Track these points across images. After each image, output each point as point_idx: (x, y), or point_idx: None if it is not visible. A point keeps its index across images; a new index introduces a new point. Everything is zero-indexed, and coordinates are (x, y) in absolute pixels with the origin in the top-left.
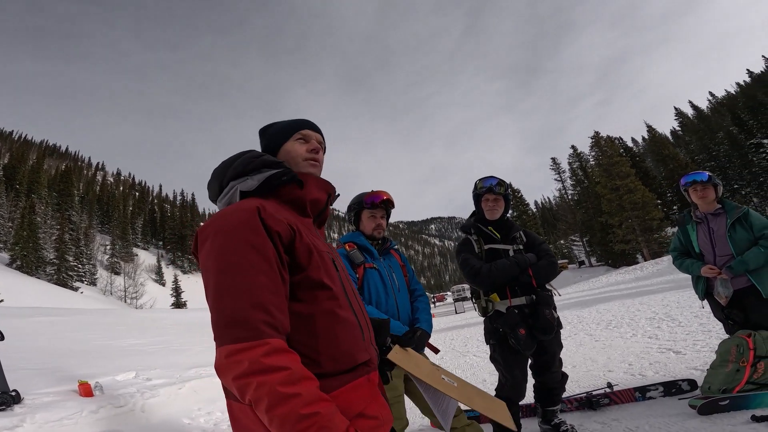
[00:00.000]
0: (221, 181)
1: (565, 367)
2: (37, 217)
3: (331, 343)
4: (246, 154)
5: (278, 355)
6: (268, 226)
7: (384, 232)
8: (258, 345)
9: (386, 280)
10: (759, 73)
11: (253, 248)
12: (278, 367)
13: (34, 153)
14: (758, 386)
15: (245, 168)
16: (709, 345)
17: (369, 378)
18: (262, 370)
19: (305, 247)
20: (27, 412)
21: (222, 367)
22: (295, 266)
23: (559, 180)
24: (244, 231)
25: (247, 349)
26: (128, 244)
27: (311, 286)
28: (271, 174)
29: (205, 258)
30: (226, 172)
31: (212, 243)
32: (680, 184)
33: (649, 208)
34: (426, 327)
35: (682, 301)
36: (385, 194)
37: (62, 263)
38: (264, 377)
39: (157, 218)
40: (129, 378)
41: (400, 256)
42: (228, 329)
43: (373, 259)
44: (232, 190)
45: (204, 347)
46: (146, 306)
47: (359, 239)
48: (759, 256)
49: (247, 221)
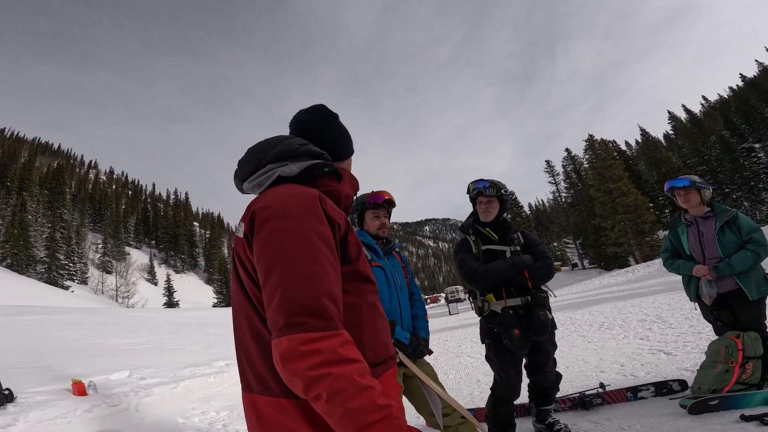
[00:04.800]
0: (258, 162)
1: (558, 367)
2: (28, 215)
3: (373, 335)
4: (290, 140)
5: (351, 347)
6: (330, 216)
7: (388, 231)
8: (335, 335)
9: (390, 279)
10: (752, 78)
11: (320, 237)
12: (354, 358)
13: (26, 150)
14: (747, 386)
15: (288, 153)
16: (699, 346)
17: (393, 371)
18: (341, 360)
19: (355, 240)
20: (20, 411)
21: (294, 356)
22: (345, 259)
23: (553, 183)
24: (311, 218)
25: (325, 338)
26: (120, 242)
27: (358, 279)
28: (315, 163)
29: (268, 240)
30: (267, 153)
31: (278, 224)
32: (665, 190)
33: (642, 211)
34: (425, 335)
35: (673, 303)
36: (386, 194)
37: (53, 262)
38: (343, 368)
39: (150, 217)
40: (123, 377)
41: (401, 258)
42: (304, 317)
43: (379, 258)
44: (269, 173)
45: (197, 347)
46: (138, 305)
47: (366, 238)
48: (745, 259)
49: (312, 208)
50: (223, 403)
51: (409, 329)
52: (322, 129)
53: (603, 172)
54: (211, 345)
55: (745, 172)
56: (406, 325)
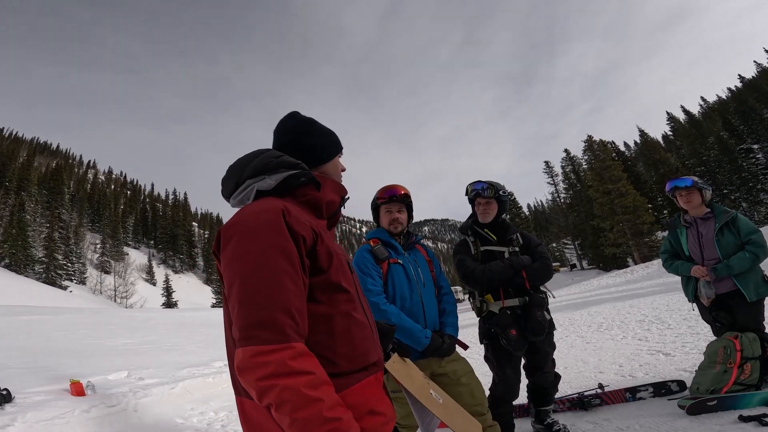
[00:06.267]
0: (238, 179)
1: (557, 368)
2: (27, 215)
3: (348, 344)
4: (264, 153)
5: (303, 359)
6: (293, 230)
7: (401, 227)
8: (285, 348)
9: (411, 275)
10: (750, 79)
11: (280, 251)
12: (304, 371)
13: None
14: (745, 387)
15: (264, 167)
16: (697, 347)
17: (377, 377)
18: (288, 373)
19: (326, 250)
20: (18, 411)
21: (246, 367)
22: (316, 269)
23: (552, 183)
24: (271, 233)
25: (274, 351)
26: (119, 243)
27: (330, 288)
28: (290, 174)
29: (230, 258)
30: (244, 169)
31: (238, 243)
32: (666, 190)
33: (640, 212)
34: (452, 331)
35: (672, 304)
36: (398, 188)
37: (51, 262)
38: (290, 380)
39: (149, 217)
40: (121, 377)
41: (426, 251)
42: (256, 330)
43: (398, 254)
44: (248, 189)
45: (195, 347)
46: (136, 305)
47: (383, 235)
48: (744, 260)
49: (273, 223)
50: (221, 404)
51: (435, 326)
52: (305, 134)
53: (602, 172)
54: (209, 345)
55: (744, 173)
56: (431, 323)
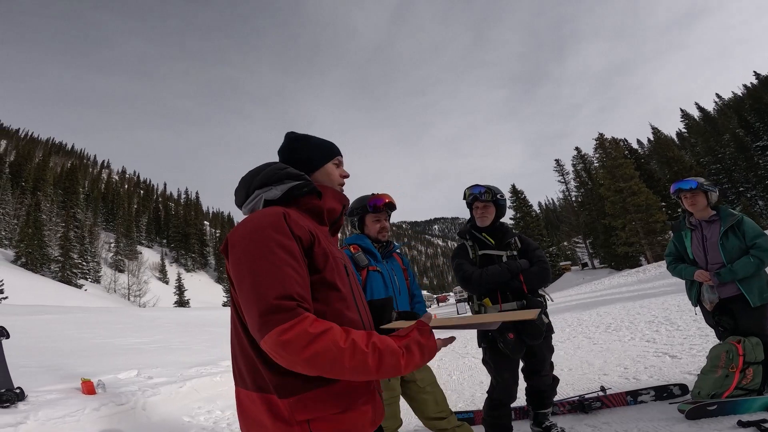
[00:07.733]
0: (248, 189)
1: (562, 369)
2: (43, 215)
3: None
4: (271, 166)
5: (318, 322)
6: (292, 230)
7: (388, 235)
8: (300, 320)
9: (388, 282)
10: (766, 75)
11: (280, 247)
12: (325, 329)
13: (40, 151)
14: (747, 392)
15: (270, 179)
16: (705, 349)
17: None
18: (318, 334)
19: (322, 252)
20: (30, 410)
21: (278, 348)
22: (313, 268)
23: (563, 182)
24: (271, 231)
25: (293, 325)
26: (132, 242)
27: (325, 287)
28: (294, 185)
29: (236, 259)
30: (253, 181)
31: (243, 245)
32: (671, 192)
33: (653, 211)
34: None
35: (682, 304)
36: (387, 197)
37: (67, 261)
38: (319, 343)
39: (162, 216)
40: (131, 376)
41: (402, 259)
42: (270, 316)
43: (376, 262)
44: (257, 198)
45: (204, 346)
46: (149, 304)
47: (364, 242)
48: (748, 265)
49: (274, 223)
50: (228, 402)
51: None
52: (294, 150)
53: (613, 171)
54: (216, 344)
55: (760, 171)
56: None
